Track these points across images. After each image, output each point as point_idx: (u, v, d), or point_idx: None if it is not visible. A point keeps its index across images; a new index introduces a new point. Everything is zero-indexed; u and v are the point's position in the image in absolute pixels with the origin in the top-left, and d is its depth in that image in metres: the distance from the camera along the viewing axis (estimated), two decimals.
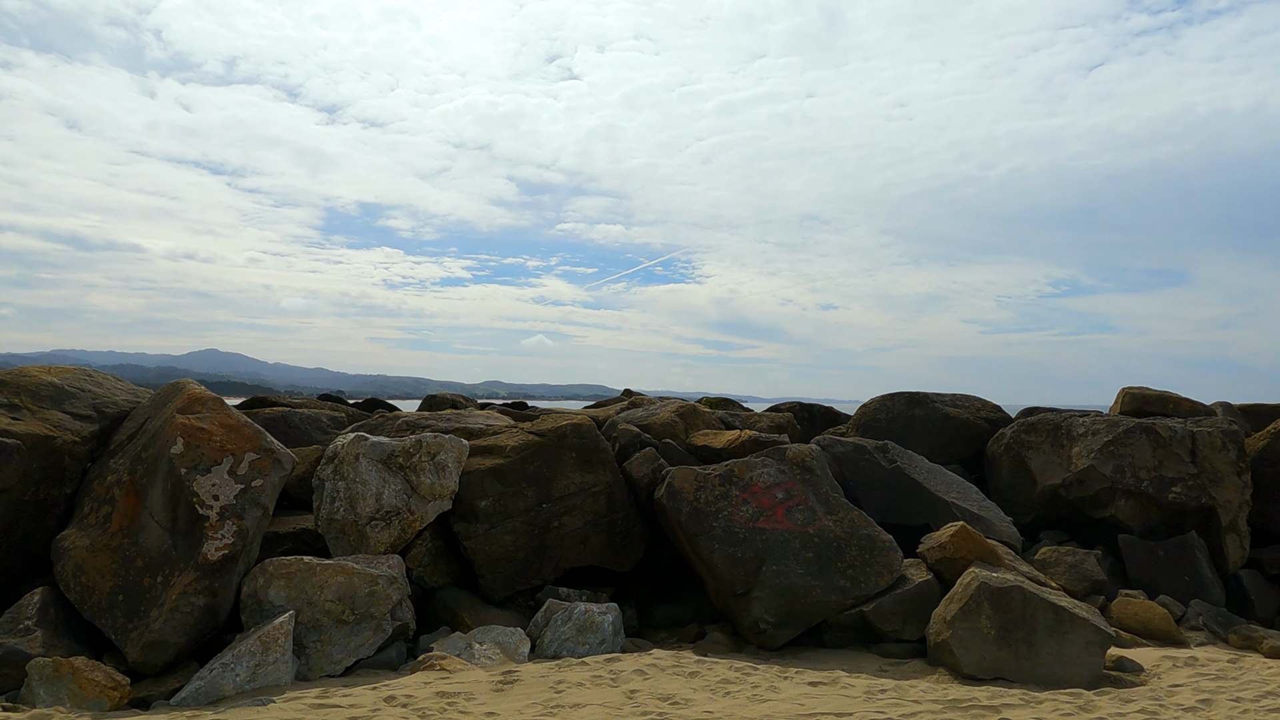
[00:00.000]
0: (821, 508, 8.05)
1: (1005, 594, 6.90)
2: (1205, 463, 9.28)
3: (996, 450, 10.61)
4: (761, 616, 7.48)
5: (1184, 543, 8.97)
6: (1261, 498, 10.19)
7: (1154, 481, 9.24)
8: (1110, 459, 9.40)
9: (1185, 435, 9.37)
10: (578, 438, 8.73)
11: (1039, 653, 6.71)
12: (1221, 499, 9.14)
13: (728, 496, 8.08)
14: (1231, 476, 9.25)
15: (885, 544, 7.89)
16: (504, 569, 8.08)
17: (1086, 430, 9.75)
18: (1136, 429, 9.42)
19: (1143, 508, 9.32)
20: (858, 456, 9.31)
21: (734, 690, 5.90)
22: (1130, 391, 10.72)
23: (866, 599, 7.62)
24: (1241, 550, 9.09)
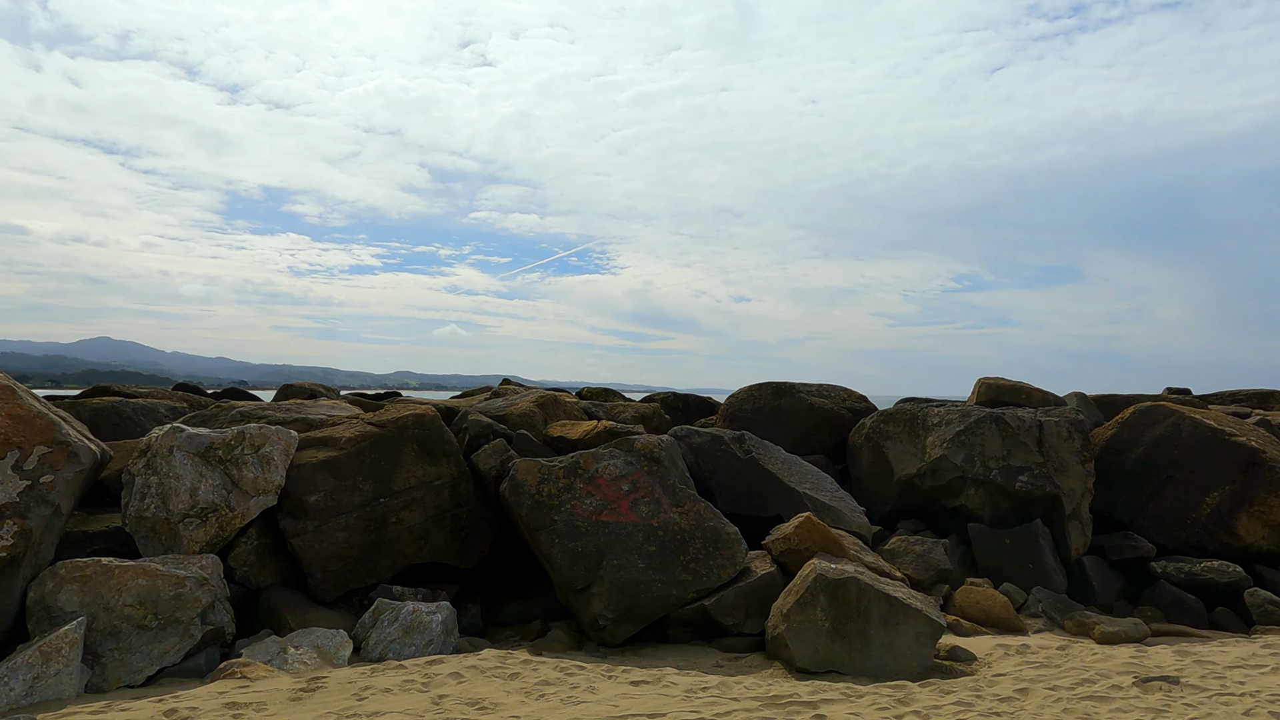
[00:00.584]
0: (668, 500, 7.87)
1: (841, 586, 6.83)
2: (1052, 452, 9.44)
3: (857, 440, 10.64)
4: (601, 612, 7.26)
5: (1029, 531, 9.10)
6: (1108, 486, 10.46)
7: (1002, 470, 9.36)
8: (961, 448, 9.49)
9: (1033, 425, 9.51)
10: (419, 428, 8.36)
11: (871, 644, 6.65)
12: (1066, 487, 9.31)
13: (572, 489, 7.83)
14: (1076, 465, 9.44)
15: (730, 536, 7.75)
16: (336, 567, 7.66)
17: (940, 420, 9.82)
18: (987, 419, 9.53)
19: (992, 496, 9.43)
20: (714, 447, 9.18)
21: (550, 693, 5.65)
22: (986, 382, 10.88)
23: (709, 593, 7.47)
24: (1084, 538, 9.28)
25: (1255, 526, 9.60)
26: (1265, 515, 9.56)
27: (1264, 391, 15.23)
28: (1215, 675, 6.33)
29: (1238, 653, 7.09)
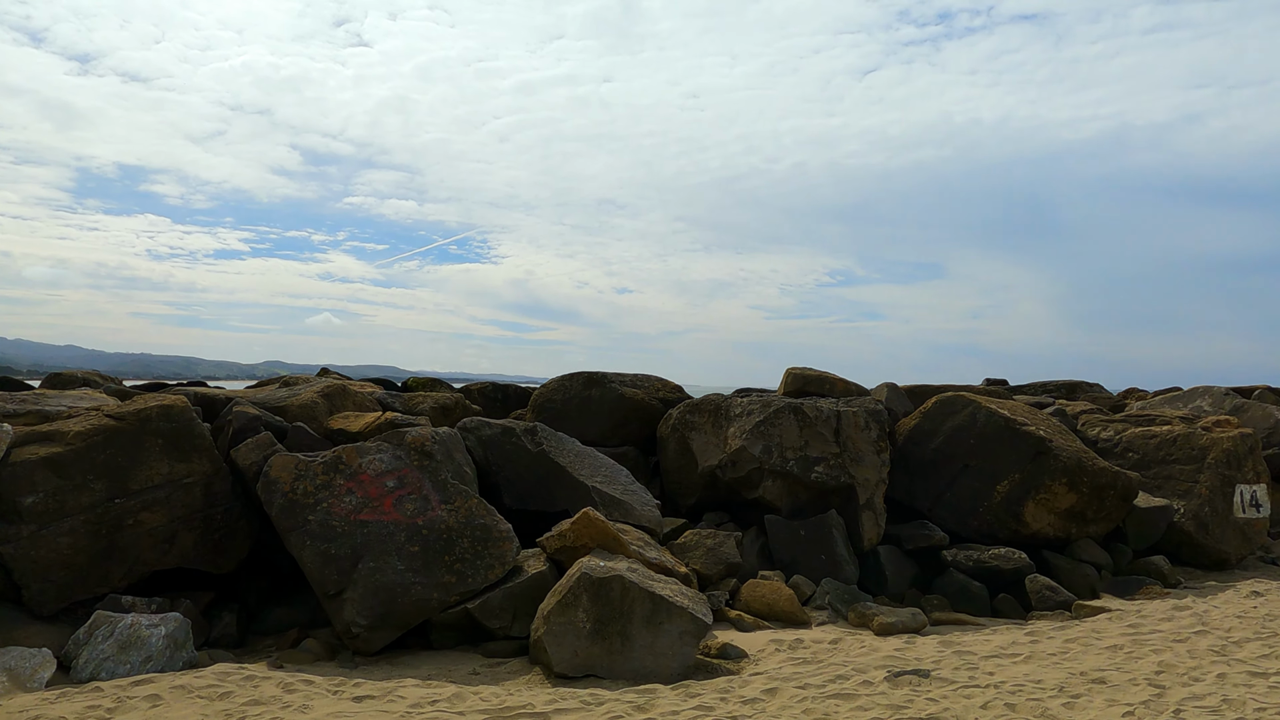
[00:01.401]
0: (437, 496, 7.38)
1: (605, 584, 6.50)
2: (848, 442, 9.41)
3: (664, 432, 10.40)
4: (354, 619, 6.72)
5: (822, 522, 9.04)
6: (909, 475, 10.56)
7: (799, 461, 9.26)
8: (760, 439, 9.35)
9: (831, 415, 9.46)
10: (165, 421, 7.60)
11: (633, 646, 6.35)
12: (861, 478, 9.29)
13: (330, 486, 7.24)
14: (871, 455, 9.44)
15: (502, 534, 7.33)
16: (58, 577, 6.85)
17: (742, 411, 9.67)
18: (786, 409, 9.42)
19: (790, 488, 9.34)
20: (504, 440, 8.74)
21: (253, 715, 5.09)
22: (793, 372, 10.82)
23: (475, 594, 7.03)
24: (877, 527, 9.29)
25: (1041, 513, 9.83)
26: (1050, 502, 9.80)
27: (1073, 382, 15.88)
28: (969, 666, 6.30)
29: (1000, 641, 7.13)
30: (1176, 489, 10.65)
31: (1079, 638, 7.13)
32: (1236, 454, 10.65)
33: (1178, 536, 10.35)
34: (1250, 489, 10.53)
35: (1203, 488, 10.46)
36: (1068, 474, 9.74)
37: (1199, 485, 10.50)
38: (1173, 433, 11.08)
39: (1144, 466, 11.05)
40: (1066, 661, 6.43)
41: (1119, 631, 7.30)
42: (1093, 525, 10.13)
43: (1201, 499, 10.40)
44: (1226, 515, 10.40)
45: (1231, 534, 10.36)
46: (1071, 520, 9.99)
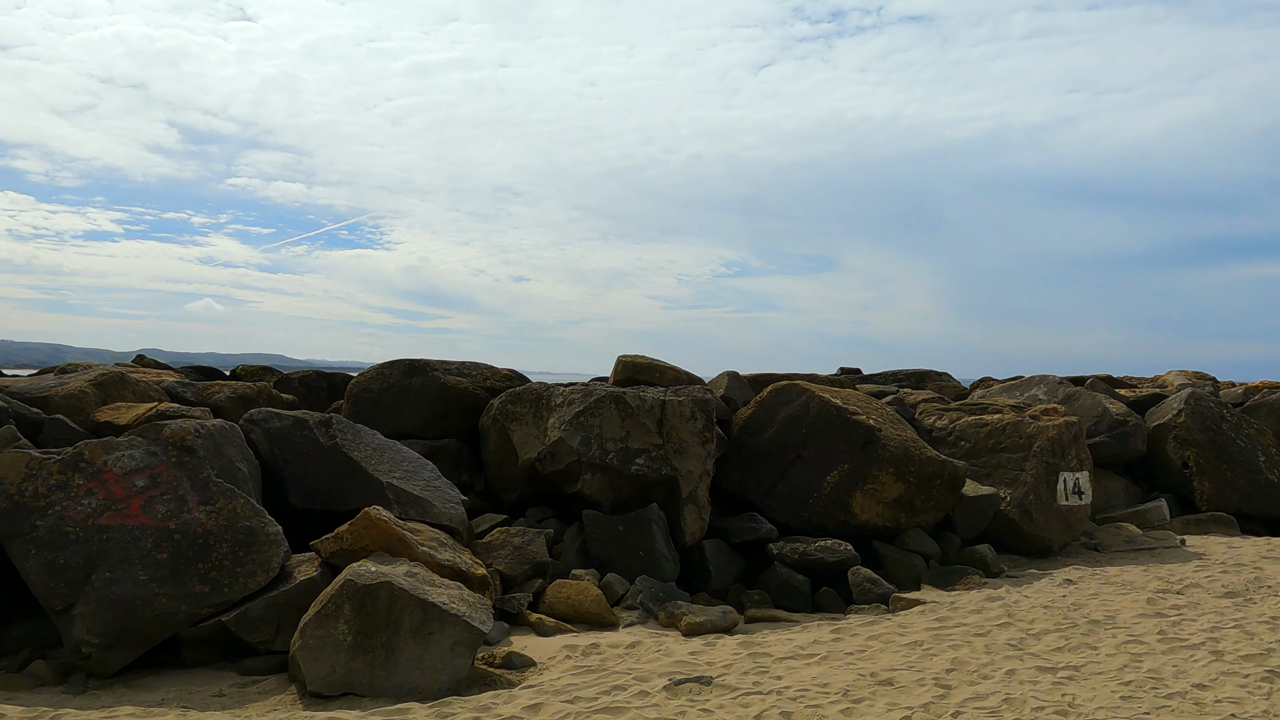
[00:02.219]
0: (195, 496, 6.62)
1: (372, 592, 5.91)
2: (672, 432, 9.03)
3: (486, 423, 9.83)
4: (84, 637, 5.94)
5: (641, 516, 8.64)
6: (744, 466, 10.28)
7: (620, 453, 8.83)
8: (579, 430, 8.88)
9: (654, 405, 9.06)
10: None
11: (398, 659, 5.78)
12: (684, 469, 8.93)
13: (67, 487, 6.40)
14: (696, 446, 9.09)
15: (269, 538, 6.63)
16: None
17: (564, 400, 9.18)
18: (607, 399, 8.97)
19: (611, 481, 8.90)
20: (295, 433, 8.01)
21: None
22: (624, 360, 10.40)
23: (233, 605, 6.32)
24: (700, 521, 8.95)
25: (870, 504, 9.68)
26: (878, 493, 9.66)
27: (922, 371, 16.00)
28: (759, 670, 5.97)
29: (804, 639, 6.85)
30: (1004, 477, 10.69)
31: (883, 634, 6.91)
32: (1061, 442, 10.76)
33: (1004, 524, 10.39)
34: (1074, 476, 10.64)
35: (1028, 476, 10.52)
36: (895, 464, 9.61)
37: (1025, 473, 10.56)
38: (1002, 421, 11.14)
39: (975, 455, 11.07)
40: (862, 661, 6.17)
41: (924, 626, 7.12)
42: (922, 515, 10.05)
43: (1027, 487, 10.45)
44: (1050, 503, 10.49)
45: (1055, 521, 10.45)
46: (900, 510, 9.88)
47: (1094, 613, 7.43)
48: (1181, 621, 7.11)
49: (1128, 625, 7.03)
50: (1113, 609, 7.57)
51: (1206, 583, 8.52)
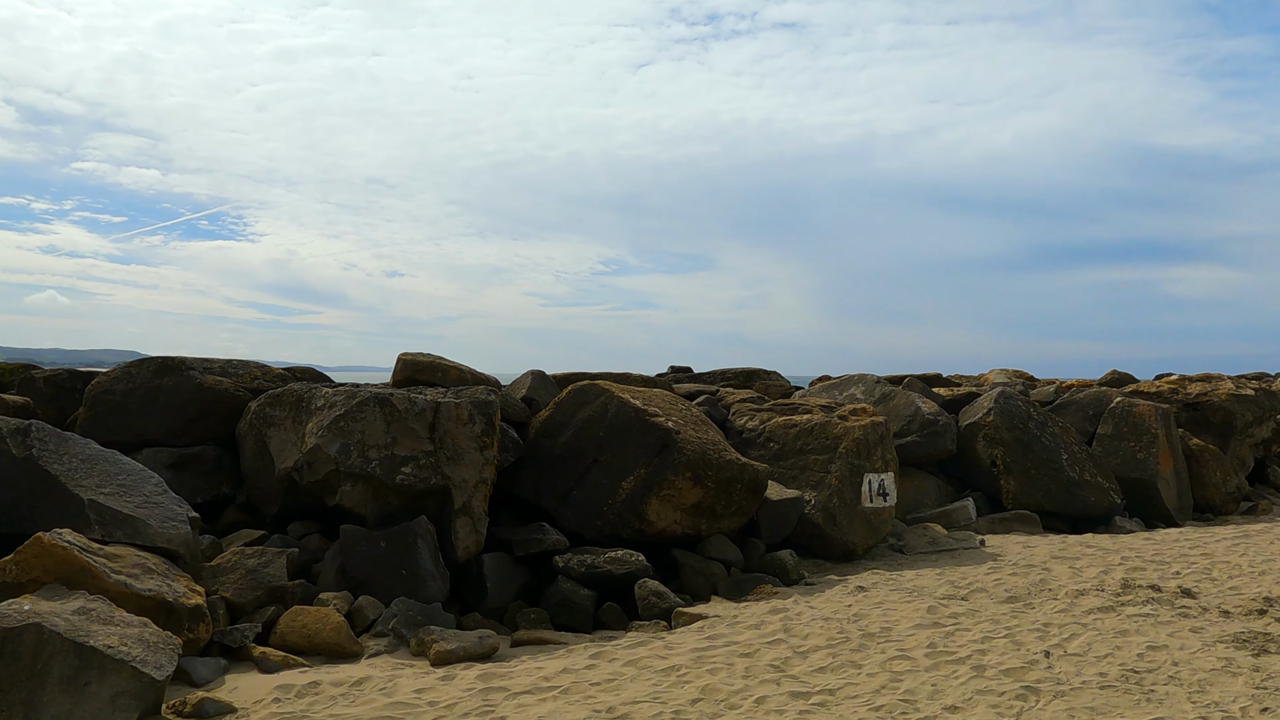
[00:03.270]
0: None
1: (14, 637, 4.93)
2: (446, 438, 8.27)
3: (243, 428, 8.84)
4: None
5: (405, 531, 7.84)
6: (539, 472, 9.61)
7: (384, 461, 8.01)
8: (338, 437, 8.01)
9: (427, 408, 8.27)
10: None
11: (43, 716, 4.82)
12: (457, 478, 8.18)
13: None
14: (473, 453, 8.35)
15: None
16: None
17: (326, 403, 8.28)
18: (371, 401, 8.13)
19: (375, 493, 8.07)
20: None
21: None
22: (404, 358, 9.56)
23: None
24: (476, 534, 8.22)
25: (666, 510, 9.17)
26: (675, 498, 9.16)
27: (750, 370, 15.74)
28: (485, 710, 5.30)
29: (556, 667, 6.21)
30: (811, 479, 10.40)
31: (644, 657, 6.35)
32: (867, 443, 10.55)
33: (808, 528, 10.08)
34: (879, 478, 10.45)
35: (833, 478, 10.26)
36: (692, 468, 9.13)
37: (830, 475, 10.29)
38: (811, 422, 10.86)
39: (784, 457, 10.75)
40: (605, 693, 5.57)
41: (692, 646, 6.60)
42: (724, 520, 9.63)
43: (831, 489, 10.18)
44: (855, 505, 10.25)
45: (859, 524, 10.22)
46: (701, 516, 9.43)
47: (872, 624, 7.08)
48: (956, 632, 6.84)
49: (901, 638, 6.70)
50: (893, 619, 7.25)
51: (993, 586, 8.37)
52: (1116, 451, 13.51)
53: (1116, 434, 13.70)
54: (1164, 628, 6.90)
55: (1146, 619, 7.14)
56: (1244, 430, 15.34)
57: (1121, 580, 8.45)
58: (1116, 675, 5.78)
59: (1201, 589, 8.17)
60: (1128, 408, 13.85)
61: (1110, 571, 8.89)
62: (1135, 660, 6.09)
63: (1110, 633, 6.77)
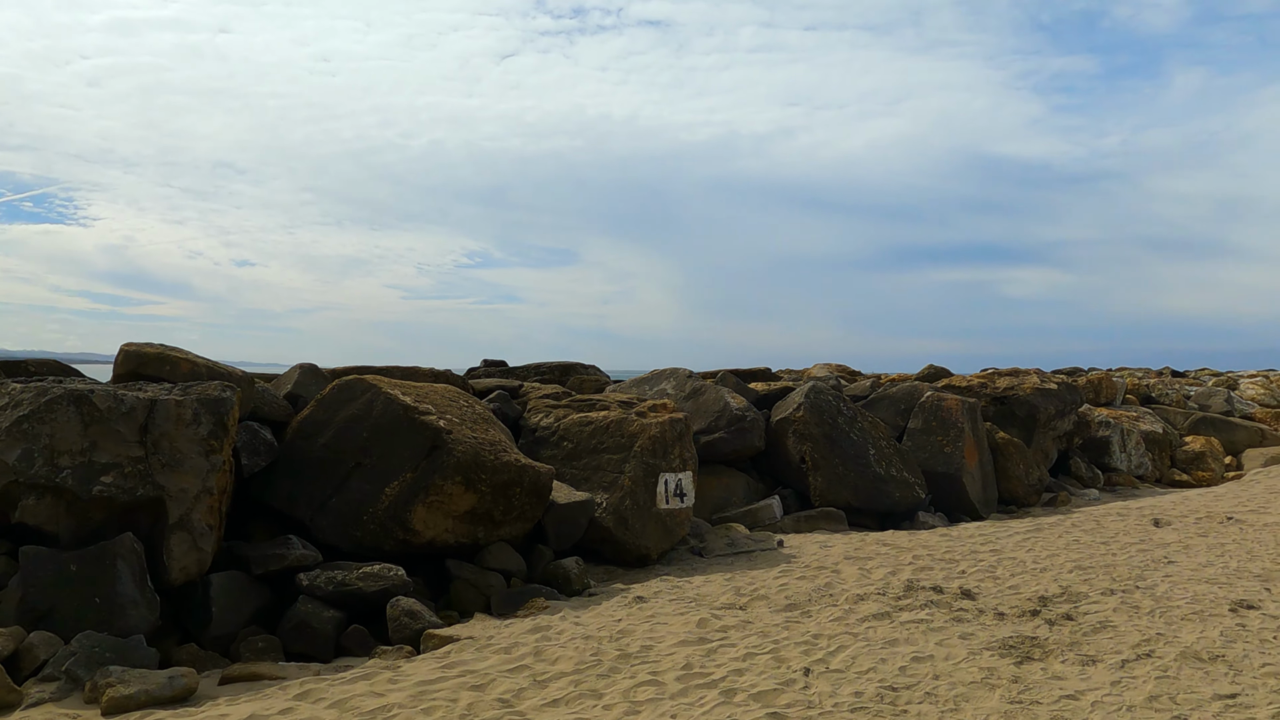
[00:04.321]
0: None
1: None
2: (162, 441, 7.14)
3: None
4: None
5: (101, 552, 6.69)
6: (295, 478, 8.58)
7: (78, 470, 6.82)
8: (21, 441, 6.77)
9: (138, 407, 7.11)
10: None
11: None
12: (174, 488, 7.08)
13: None
14: (196, 458, 7.25)
15: None
16: None
17: (10, 402, 7.00)
18: (65, 399, 6.91)
19: (69, 507, 6.87)
20: None
21: None
22: (128, 349, 8.33)
23: None
24: (197, 552, 7.13)
25: (436, 518, 8.32)
26: (445, 505, 8.32)
27: (566, 364, 15.02)
28: None
29: (243, 713, 5.27)
30: (604, 480, 9.75)
31: (355, 697, 5.48)
32: (664, 441, 9.99)
33: (599, 533, 9.43)
34: (675, 477, 9.90)
35: (626, 478, 9.64)
36: (463, 470, 8.30)
37: (624, 476, 9.67)
38: (607, 419, 10.21)
39: (577, 457, 10.07)
40: None
41: (421, 678, 5.78)
42: (506, 527, 8.85)
43: (624, 490, 9.56)
44: (649, 507, 9.66)
45: (653, 527, 9.64)
46: (478, 523, 8.61)
47: (634, 643, 6.45)
48: (720, 648, 6.28)
49: (659, 658, 6.09)
50: (659, 634, 6.65)
51: (776, 592, 7.92)
52: (925, 445, 13.52)
53: (926, 428, 13.72)
54: (935, 635, 6.56)
55: (920, 626, 6.80)
56: (1047, 423, 15.75)
57: (906, 582, 8.17)
58: (872, 694, 5.33)
59: (982, 589, 7.96)
60: (937, 402, 13.89)
61: (898, 572, 8.62)
62: (896, 675, 5.67)
63: (880, 643, 6.37)
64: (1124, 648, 6.27)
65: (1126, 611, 7.20)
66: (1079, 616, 7.06)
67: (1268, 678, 5.66)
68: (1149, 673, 5.74)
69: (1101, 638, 6.51)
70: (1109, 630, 6.69)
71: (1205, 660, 6.00)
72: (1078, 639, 6.49)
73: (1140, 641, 6.41)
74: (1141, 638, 6.51)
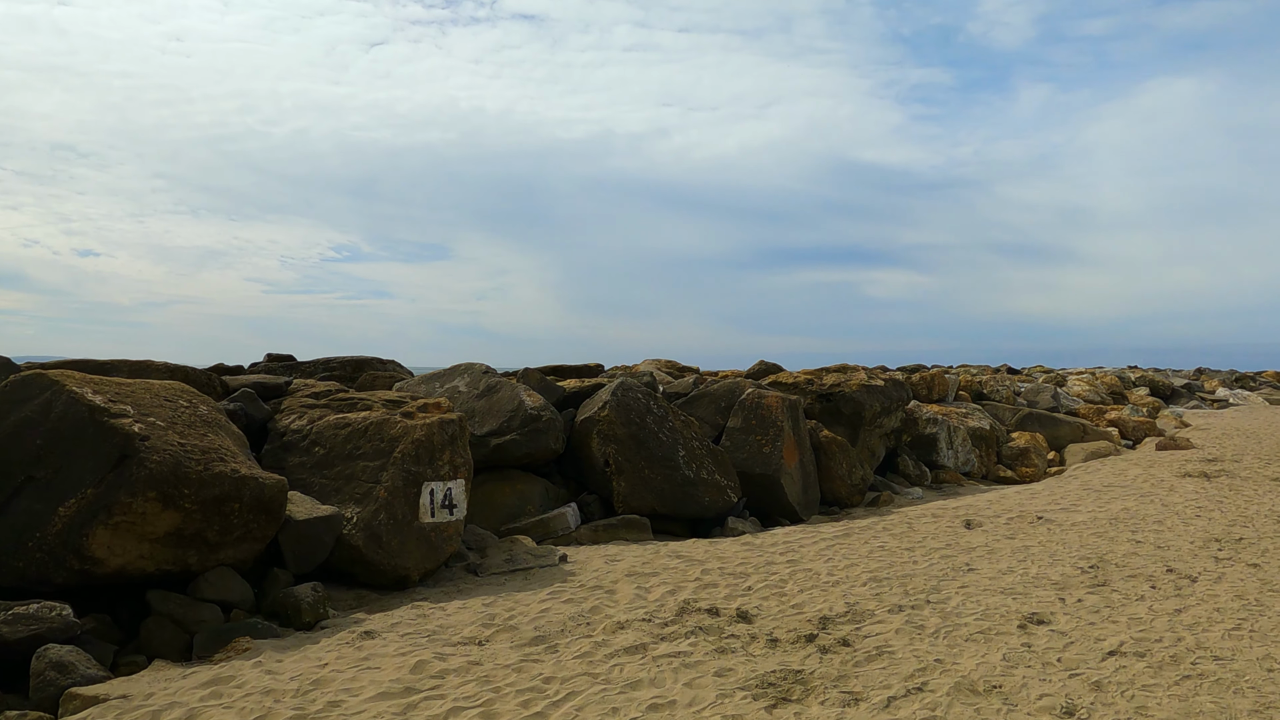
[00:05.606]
0: None
1: None
2: None
3: None
4: None
5: None
6: None
7: None
8: None
9: None
10: None
11: None
12: None
13: None
14: None
15: None
16: None
17: None
18: None
19: None
20: None
21: None
22: None
23: None
24: None
25: (126, 542, 6.87)
26: (138, 526, 6.88)
27: (360, 359, 13.62)
28: None
29: None
30: (356, 491, 8.47)
31: None
32: (431, 445, 8.78)
33: (349, 553, 8.15)
34: (444, 486, 8.71)
35: (382, 489, 8.39)
36: (159, 484, 6.88)
37: (379, 486, 8.42)
38: (367, 421, 8.93)
39: (330, 464, 8.74)
40: None
41: None
42: (227, 549, 7.46)
43: (379, 503, 8.31)
44: (410, 521, 8.44)
45: (414, 544, 8.42)
46: (187, 547, 7.20)
47: (321, 698, 5.24)
48: (424, 702, 5.16)
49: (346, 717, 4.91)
50: (360, 684, 5.46)
51: (531, 621, 6.86)
52: (744, 445, 12.78)
53: (745, 427, 12.99)
54: (688, 672, 5.63)
55: (675, 660, 5.85)
56: (873, 421, 15.34)
57: (682, 603, 7.25)
58: None
59: (763, 609, 7.11)
60: (757, 399, 13.19)
61: (679, 591, 7.71)
62: None
63: (620, 685, 5.38)
64: (895, 680, 5.49)
65: (909, 633, 6.47)
66: (857, 641, 6.27)
67: (1042, 714, 4.96)
68: (914, 713, 4.95)
69: (874, 668, 5.72)
70: (884, 658, 5.92)
71: (980, 693, 5.28)
72: (848, 670, 5.68)
73: (915, 671, 5.65)
74: (918, 665, 5.76)
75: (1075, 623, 6.76)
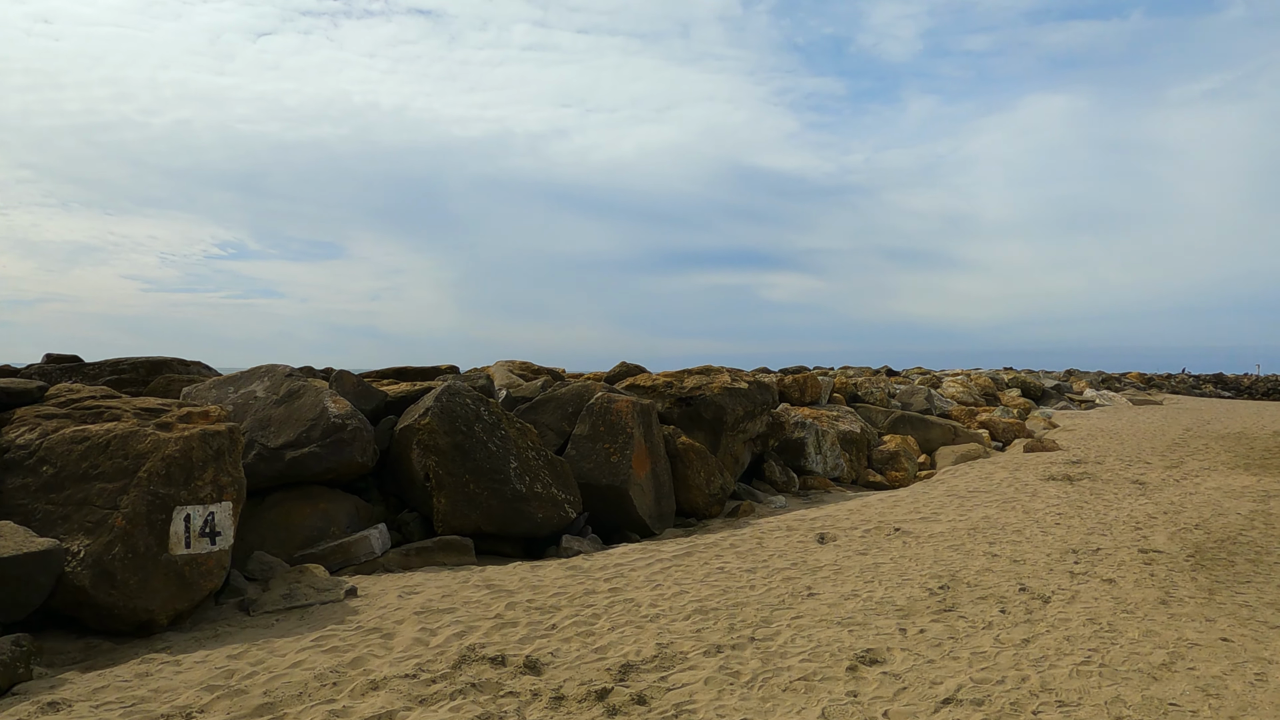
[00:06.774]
0: None
1: None
2: None
3: None
4: None
5: None
6: None
7: None
8: None
9: None
10: None
11: None
12: None
13: None
14: None
15: None
16: None
17: None
18: None
19: None
20: None
21: None
22: None
23: None
24: None
25: None
26: None
27: (156, 359, 11.99)
28: None
29: None
30: (88, 520, 7.04)
31: None
32: (187, 461, 7.40)
33: (73, 594, 6.73)
34: (204, 511, 7.35)
35: (120, 516, 6.98)
36: None
37: (117, 513, 7.01)
38: (110, 434, 7.49)
39: (59, 486, 7.27)
40: None
41: None
42: None
43: (116, 533, 6.90)
44: (156, 554, 7.05)
45: (160, 582, 7.03)
46: None
47: None
48: None
49: None
50: None
51: (269, 681, 5.60)
52: (591, 454, 11.74)
53: (593, 434, 11.94)
54: None
55: None
56: (736, 425, 14.52)
57: (466, 649, 6.12)
58: None
59: (559, 655, 6.05)
60: (606, 404, 12.16)
61: (469, 633, 6.57)
62: None
63: None
64: None
65: (720, 683, 5.50)
66: (657, 697, 5.27)
67: None
68: None
69: None
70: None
71: None
72: None
73: None
74: None
75: (912, 661, 5.93)
